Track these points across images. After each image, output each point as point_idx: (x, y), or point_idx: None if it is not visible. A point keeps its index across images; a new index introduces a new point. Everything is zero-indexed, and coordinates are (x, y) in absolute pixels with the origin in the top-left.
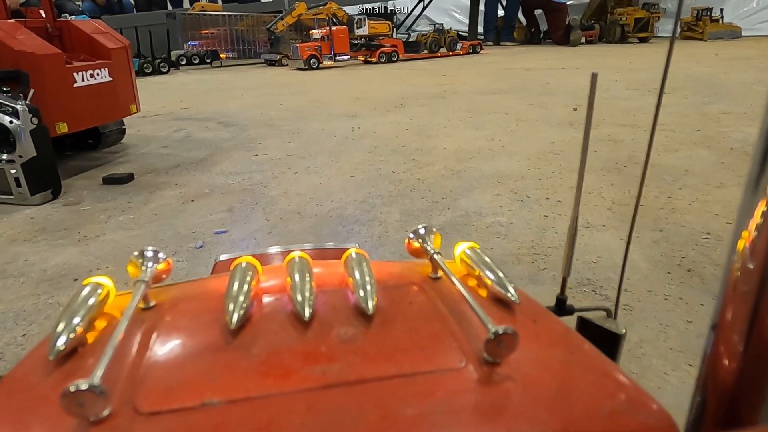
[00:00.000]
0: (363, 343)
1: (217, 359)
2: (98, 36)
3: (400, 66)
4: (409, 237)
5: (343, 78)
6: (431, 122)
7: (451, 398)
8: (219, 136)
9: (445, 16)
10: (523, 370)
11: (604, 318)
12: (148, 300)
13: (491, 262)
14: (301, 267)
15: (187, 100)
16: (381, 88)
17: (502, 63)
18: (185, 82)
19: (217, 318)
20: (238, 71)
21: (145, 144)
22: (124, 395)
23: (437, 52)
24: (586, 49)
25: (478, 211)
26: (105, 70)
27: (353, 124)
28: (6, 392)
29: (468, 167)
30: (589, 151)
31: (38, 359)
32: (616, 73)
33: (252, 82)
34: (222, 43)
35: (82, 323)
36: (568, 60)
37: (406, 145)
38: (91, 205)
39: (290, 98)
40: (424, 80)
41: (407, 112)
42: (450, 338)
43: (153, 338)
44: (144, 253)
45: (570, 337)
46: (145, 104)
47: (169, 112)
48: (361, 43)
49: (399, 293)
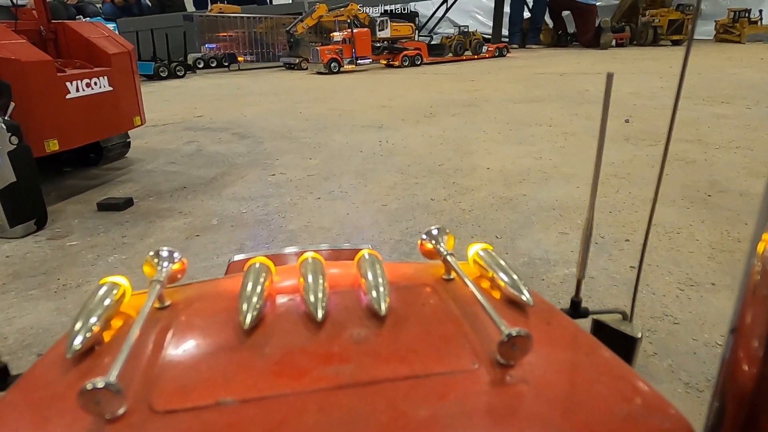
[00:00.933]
0: (375, 344)
1: (231, 359)
2: (97, 40)
3: (424, 70)
4: (422, 238)
5: (365, 83)
6: (467, 135)
7: (464, 400)
8: (232, 150)
9: (468, 18)
10: (536, 373)
11: (619, 321)
12: (164, 299)
13: (505, 263)
14: (314, 268)
15: (201, 106)
16: (407, 94)
17: (532, 67)
18: (201, 86)
19: (231, 318)
20: (255, 75)
21: (152, 159)
22: (139, 394)
23: (462, 56)
24: (618, 52)
25: (543, 257)
26: (104, 78)
27: (380, 136)
28: (25, 390)
29: (519, 194)
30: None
31: (56, 358)
32: (659, 78)
33: (270, 87)
34: (240, 46)
35: (98, 322)
36: (603, 64)
37: (442, 163)
38: (79, 239)
39: (310, 105)
40: (451, 86)
41: (438, 123)
42: (463, 340)
43: (168, 337)
44: (159, 253)
45: (585, 340)
46: (157, 112)
47: (181, 121)
48: (383, 46)
49: (412, 294)
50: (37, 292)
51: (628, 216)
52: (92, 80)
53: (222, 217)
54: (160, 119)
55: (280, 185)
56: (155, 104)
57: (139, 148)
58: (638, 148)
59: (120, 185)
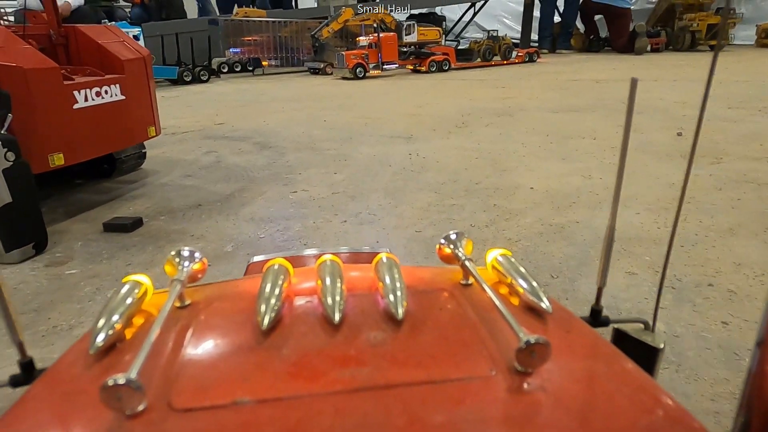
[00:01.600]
0: (392, 347)
1: (249, 359)
2: (110, 45)
3: (452, 76)
4: (441, 242)
5: (392, 89)
6: (504, 149)
7: (481, 407)
8: (253, 163)
9: (496, 22)
10: (555, 382)
11: (641, 330)
12: (184, 299)
13: (524, 270)
14: (332, 270)
15: (223, 113)
16: (436, 102)
17: (566, 73)
18: (224, 92)
19: (249, 318)
20: (279, 80)
21: (168, 171)
22: (159, 391)
23: (491, 61)
24: (655, 58)
25: (611, 304)
26: (116, 86)
27: (410, 149)
28: (50, 384)
29: (572, 221)
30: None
31: (79, 353)
32: (704, 86)
33: (294, 93)
34: (264, 51)
35: (120, 320)
36: (641, 71)
37: (480, 181)
38: (80, 266)
39: (335, 113)
40: (482, 93)
41: (472, 134)
42: (480, 346)
43: (187, 336)
44: (181, 253)
45: (605, 349)
46: (179, 118)
47: (202, 129)
48: (410, 50)
49: (429, 299)
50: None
51: (705, 252)
52: (102, 89)
53: (237, 242)
54: (181, 127)
55: (303, 204)
56: (177, 110)
57: (156, 158)
58: (699, 167)
59: (131, 201)
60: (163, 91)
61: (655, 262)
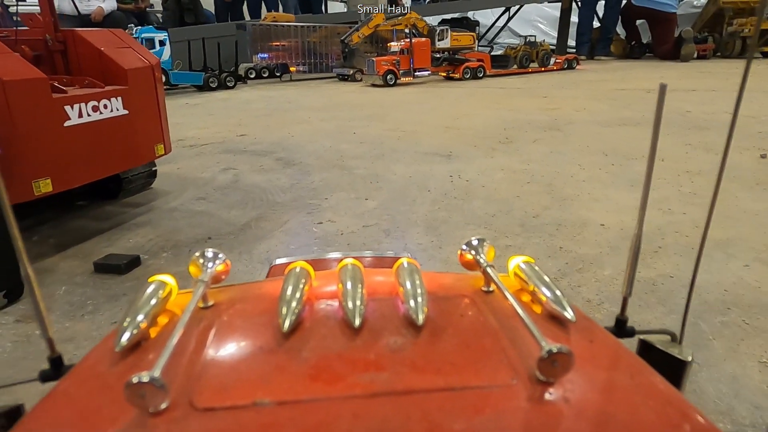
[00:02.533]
0: (412, 353)
1: (269, 361)
2: (112, 51)
3: (488, 83)
4: (462, 249)
5: (425, 97)
6: (559, 171)
7: (500, 416)
8: (274, 183)
9: (530, 27)
10: (577, 392)
11: (668, 342)
12: (207, 299)
13: (547, 277)
14: (353, 274)
15: (246, 123)
16: (474, 112)
17: (610, 81)
18: (249, 99)
19: (271, 320)
20: (307, 87)
21: (179, 192)
22: (181, 390)
23: (528, 68)
24: (703, 65)
25: (754, 418)
26: (118, 99)
27: (450, 169)
28: (77, 380)
29: (663, 274)
30: None
31: (106, 351)
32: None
33: (322, 101)
34: (293, 56)
35: (145, 319)
36: (693, 80)
37: (537, 214)
38: (56, 323)
39: (365, 124)
40: (523, 103)
41: (519, 152)
42: (501, 354)
43: (210, 337)
44: (205, 254)
45: (630, 361)
46: (199, 129)
47: (222, 140)
48: (443, 56)
49: (450, 305)
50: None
51: None
52: (101, 102)
53: None
54: (200, 138)
55: (329, 240)
56: (199, 119)
57: (169, 175)
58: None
59: (133, 230)
60: (187, 98)
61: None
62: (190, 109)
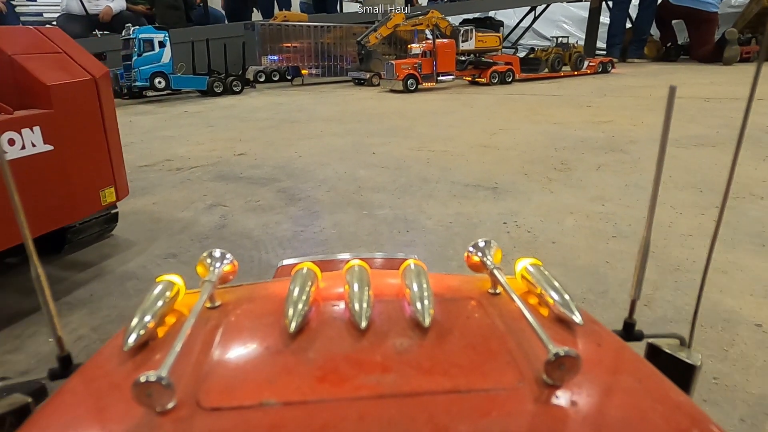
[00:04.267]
0: (418, 355)
1: (276, 361)
2: (30, 60)
3: (519, 89)
4: (469, 250)
5: (451, 106)
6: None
7: (507, 419)
8: (271, 231)
9: (555, 28)
10: (584, 396)
11: (677, 346)
12: (214, 299)
13: (555, 280)
14: (360, 275)
15: (248, 137)
16: (512, 125)
17: (656, 88)
18: (256, 106)
19: (278, 321)
20: (320, 92)
21: (145, 244)
22: (188, 389)
23: (560, 72)
24: (750, 69)
25: None
26: (35, 130)
27: (501, 210)
28: (85, 378)
29: None
30: None
31: (114, 349)
32: None
33: (336, 110)
34: (305, 58)
35: (153, 319)
36: (747, 87)
37: (649, 300)
38: None
39: (386, 141)
40: (566, 114)
41: (584, 185)
42: (507, 356)
43: (217, 337)
44: (212, 254)
45: (638, 365)
46: (192, 145)
47: (217, 161)
48: (469, 59)
49: (456, 307)
50: None
51: None
52: (4, 136)
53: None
54: (191, 158)
55: None
56: (195, 132)
57: (139, 214)
58: None
59: (63, 316)
60: (188, 104)
61: None
62: (188, 119)
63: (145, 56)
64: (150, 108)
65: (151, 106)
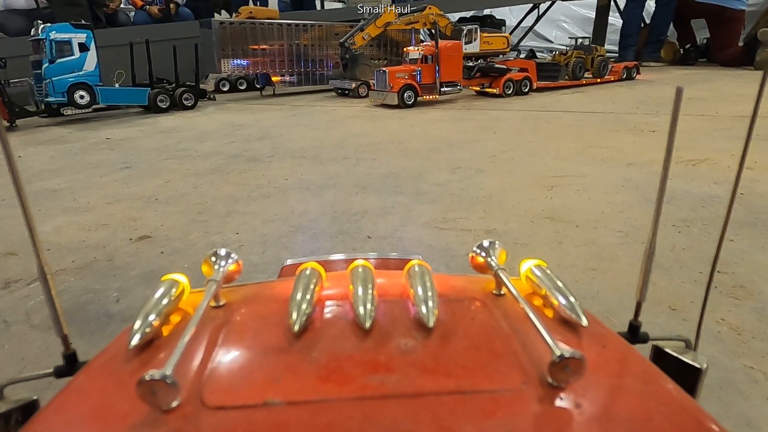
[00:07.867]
0: (422, 355)
1: (280, 361)
2: None
3: (540, 102)
4: (474, 251)
5: (467, 129)
6: None
7: (511, 420)
8: None
9: (554, 28)
10: (589, 398)
11: (682, 349)
12: (219, 299)
13: (559, 282)
14: (364, 276)
15: (169, 195)
16: (571, 168)
17: (711, 101)
18: (206, 130)
19: (282, 320)
20: (294, 106)
21: None
22: (192, 388)
23: (581, 79)
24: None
25: None
26: None
27: None
28: (90, 376)
29: None
30: None
31: (119, 348)
32: None
33: (312, 137)
34: (276, 63)
35: (158, 318)
36: None
37: None
38: None
39: (387, 203)
40: (631, 146)
41: None
42: (512, 358)
43: (221, 336)
44: (217, 253)
45: (643, 367)
46: (75, 212)
47: (88, 262)
48: (478, 65)
49: (460, 308)
50: None
51: None
52: None
53: None
54: (52, 249)
55: None
56: (95, 182)
57: None
58: None
59: None
60: (117, 127)
61: None
62: (102, 154)
63: (61, 63)
64: (64, 132)
65: (67, 129)
